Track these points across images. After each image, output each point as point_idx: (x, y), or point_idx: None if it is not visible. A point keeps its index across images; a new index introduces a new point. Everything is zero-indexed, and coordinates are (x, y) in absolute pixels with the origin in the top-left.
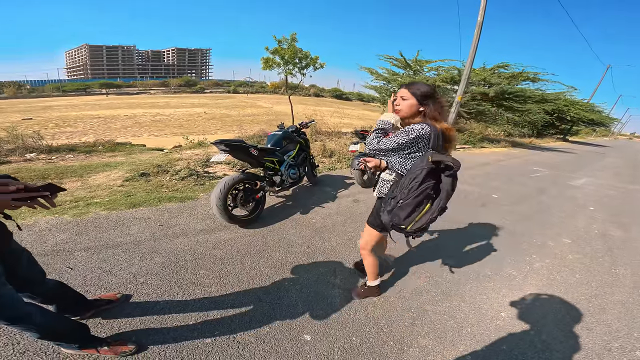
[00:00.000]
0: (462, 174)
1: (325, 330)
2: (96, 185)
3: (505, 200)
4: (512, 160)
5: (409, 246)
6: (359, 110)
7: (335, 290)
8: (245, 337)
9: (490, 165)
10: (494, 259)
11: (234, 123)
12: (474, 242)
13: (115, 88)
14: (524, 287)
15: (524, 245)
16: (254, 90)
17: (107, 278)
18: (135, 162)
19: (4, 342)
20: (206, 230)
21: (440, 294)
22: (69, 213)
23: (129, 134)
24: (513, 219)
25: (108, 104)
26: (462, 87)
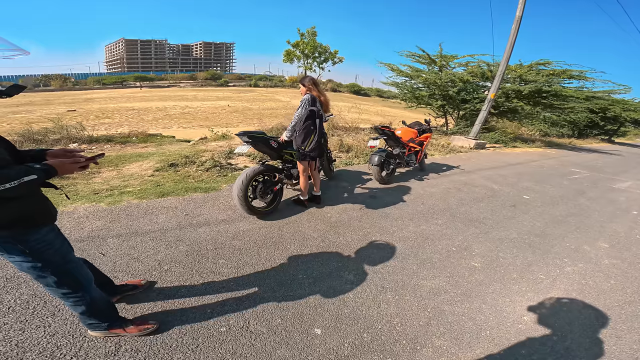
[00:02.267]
0: (491, 173)
1: (336, 325)
2: (129, 175)
3: (538, 201)
4: (548, 160)
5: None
6: (378, 106)
7: (347, 285)
8: (258, 327)
9: (522, 165)
10: (522, 262)
11: (254, 116)
12: (501, 243)
13: (148, 81)
14: (552, 292)
15: (556, 249)
16: (272, 84)
17: (135, 265)
18: (165, 152)
19: (36, 325)
20: (227, 221)
21: (460, 294)
22: (105, 201)
23: (160, 125)
24: (545, 221)
25: (142, 97)
26: (497, 83)
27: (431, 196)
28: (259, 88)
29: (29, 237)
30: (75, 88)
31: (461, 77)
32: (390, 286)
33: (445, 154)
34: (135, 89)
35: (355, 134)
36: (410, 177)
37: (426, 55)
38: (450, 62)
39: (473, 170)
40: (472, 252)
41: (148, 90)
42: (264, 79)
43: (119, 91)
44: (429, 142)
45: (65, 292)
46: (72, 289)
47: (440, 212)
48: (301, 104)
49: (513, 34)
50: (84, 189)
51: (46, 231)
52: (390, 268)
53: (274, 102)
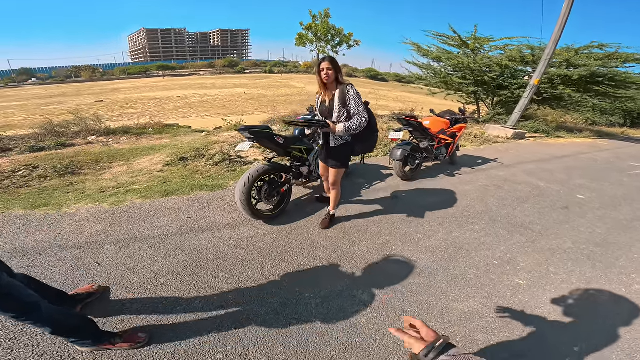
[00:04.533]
0: (534, 167)
1: (345, 357)
2: (139, 170)
3: (595, 202)
4: (600, 153)
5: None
6: (397, 92)
7: (360, 307)
8: (258, 355)
9: (570, 158)
10: (578, 278)
11: (269, 104)
12: (553, 255)
13: (170, 70)
14: (616, 316)
15: (621, 261)
16: (287, 70)
17: (130, 277)
18: (178, 145)
19: (24, 343)
20: (231, 225)
21: (498, 320)
22: (108, 201)
23: (179, 114)
24: (606, 227)
25: (164, 86)
26: (542, 68)
27: (465, 195)
28: (273, 74)
29: None
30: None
31: (498, 61)
32: (413, 309)
33: (479, 144)
34: (158, 78)
35: None
36: (438, 172)
37: (457, 37)
38: (485, 44)
39: (513, 164)
40: (517, 267)
41: (170, 80)
42: (278, 65)
43: (143, 81)
44: (462, 134)
45: (15, 316)
46: (19, 311)
47: (477, 216)
48: (352, 98)
49: (564, 14)
50: (92, 186)
51: None
52: (414, 286)
53: (288, 88)
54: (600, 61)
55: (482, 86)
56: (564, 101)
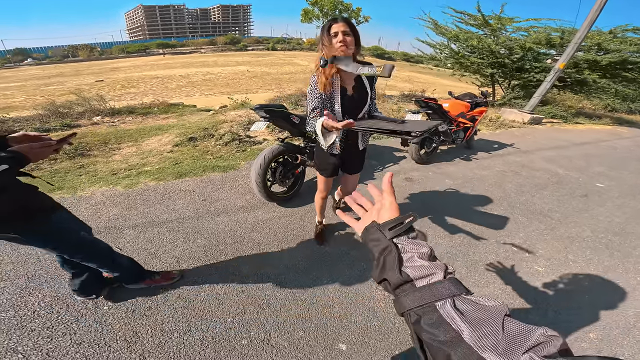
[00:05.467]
0: (553, 154)
1: (364, 340)
2: (148, 151)
3: (615, 191)
4: (620, 141)
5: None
6: (405, 71)
7: (378, 292)
8: (279, 340)
9: (590, 145)
10: (595, 267)
11: (273, 81)
12: (571, 243)
13: (170, 48)
14: (630, 304)
15: (638, 251)
16: (290, 47)
17: (152, 262)
18: (185, 124)
19: (62, 332)
20: (246, 208)
21: (517, 305)
22: (122, 183)
23: (182, 93)
24: (626, 217)
25: (165, 64)
26: (571, 52)
27: (482, 181)
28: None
29: (35, 227)
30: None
31: (522, 43)
32: None
33: (495, 129)
34: (158, 56)
35: (381, 102)
36: (454, 155)
37: (480, 16)
38: (508, 25)
39: (531, 150)
40: (536, 254)
41: (171, 58)
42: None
43: (143, 59)
44: (482, 118)
45: (98, 264)
46: (100, 261)
47: (496, 202)
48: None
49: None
50: (103, 168)
51: (52, 218)
52: None
53: (292, 65)
54: (636, 46)
55: (501, 68)
56: (587, 86)
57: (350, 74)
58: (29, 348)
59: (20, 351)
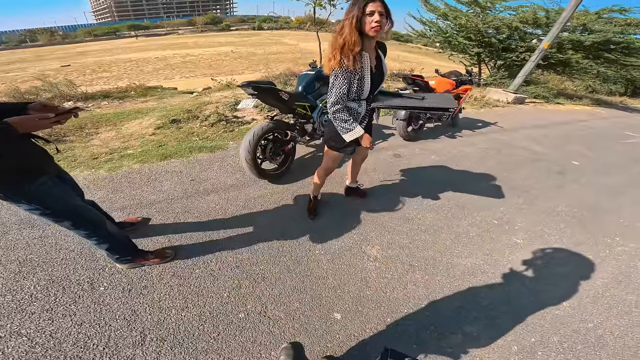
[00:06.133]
0: (533, 132)
1: (357, 309)
2: (129, 135)
3: (589, 168)
4: (598, 121)
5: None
6: (395, 50)
7: (370, 263)
8: (276, 312)
9: (569, 125)
10: (569, 239)
11: (260, 62)
12: (547, 216)
13: (143, 30)
14: (598, 275)
15: (608, 225)
16: (278, 26)
17: (145, 243)
18: (166, 107)
19: (62, 314)
20: (236, 186)
21: (498, 275)
22: (104, 167)
23: (161, 76)
24: (598, 192)
25: (139, 47)
26: (556, 32)
27: (467, 157)
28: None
29: (25, 188)
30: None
31: (509, 22)
32: (419, 264)
33: (480, 107)
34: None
35: None
36: (440, 133)
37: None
38: (497, 4)
39: (513, 129)
40: (515, 227)
41: (145, 40)
42: (268, 20)
43: (113, 42)
44: (467, 96)
45: (86, 233)
46: (89, 229)
47: (479, 178)
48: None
49: None
50: (82, 153)
51: (42, 181)
52: (420, 242)
53: (280, 45)
54: (620, 27)
55: (487, 48)
56: (570, 67)
57: (373, 51)
58: (31, 330)
59: (24, 334)
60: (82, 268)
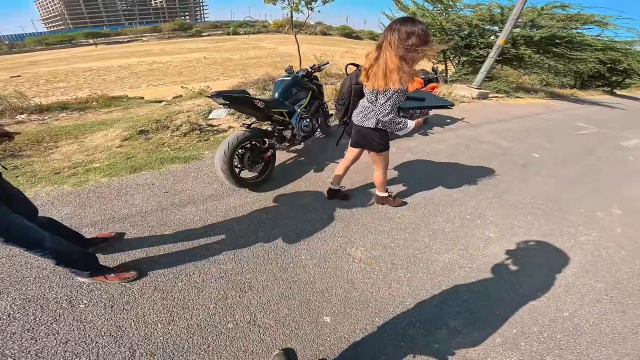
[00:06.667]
0: (498, 127)
1: (346, 311)
2: (93, 147)
3: (548, 160)
4: (553, 114)
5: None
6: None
7: (355, 265)
8: (265, 320)
9: (528, 118)
10: (537, 231)
11: (236, 67)
12: (515, 209)
13: (103, 37)
14: (567, 265)
15: (570, 216)
16: (255, 30)
17: (121, 257)
18: (133, 117)
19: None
20: (215, 196)
21: (475, 270)
22: (68, 182)
23: (126, 85)
24: (558, 184)
25: (99, 55)
26: (509, 28)
27: (438, 154)
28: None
29: None
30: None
31: (469, 20)
32: (402, 262)
33: None
34: (89, 47)
35: None
36: (413, 131)
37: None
38: (458, 2)
39: (479, 124)
40: (487, 221)
41: (105, 48)
42: (244, 25)
43: (68, 51)
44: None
45: (26, 248)
46: (27, 246)
47: (451, 173)
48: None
49: None
50: (42, 168)
51: None
52: (400, 241)
53: (258, 49)
54: (562, 22)
55: (452, 45)
56: (524, 62)
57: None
58: (15, 351)
59: (8, 355)
60: (58, 286)
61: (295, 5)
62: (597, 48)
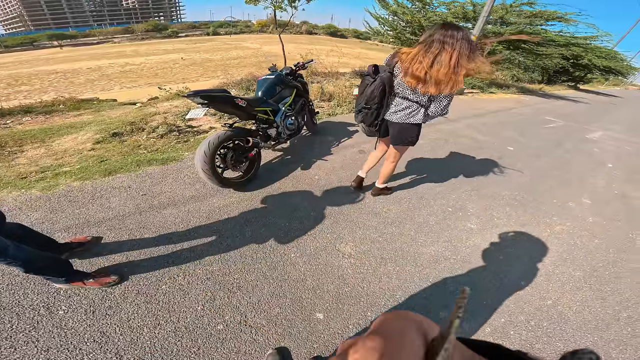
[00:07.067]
0: (474, 121)
1: (338, 307)
2: (62, 151)
3: (522, 153)
4: (524, 108)
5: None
6: (357, 48)
7: (345, 260)
8: (257, 320)
9: (502, 113)
10: (515, 221)
11: (217, 68)
12: (494, 201)
13: (69, 39)
14: (546, 254)
15: (544, 206)
16: (237, 30)
17: (100, 262)
18: (105, 120)
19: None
20: (197, 197)
21: (460, 261)
22: (37, 187)
23: (96, 88)
24: (532, 176)
25: (65, 57)
26: (480, 25)
27: (420, 149)
28: (220, 36)
29: None
30: None
31: (444, 18)
32: (390, 256)
33: None
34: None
35: (335, 79)
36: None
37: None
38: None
39: (457, 119)
40: (467, 213)
41: (72, 50)
42: (225, 25)
43: (30, 53)
44: None
45: None
46: None
47: (432, 167)
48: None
49: None
50: (7, 173)
51: None
52: (388, 235)
53: (241, 50)
54: (528, 19)
55: None
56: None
57: None
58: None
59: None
60: (33, 292)
61: (279, 4)
62: (560, 44)
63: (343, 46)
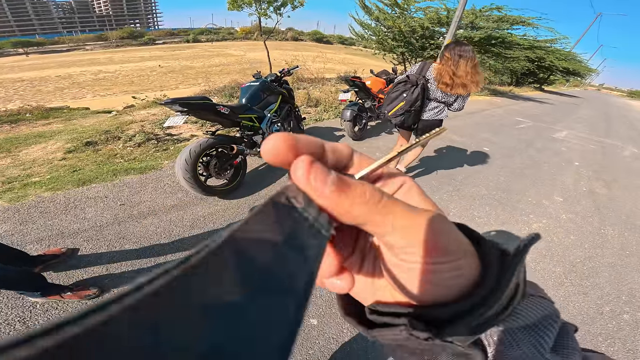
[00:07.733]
0: (451, 123)
1: (332, 312)
2: (31, 161)
3: (497, 153)
4: (496, 110)
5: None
6: (341, 54)
7: None
8: None
9: (476, 114)
10: (495, 220)
11: (198, 75)
12: (474, 200)
13: (35, 46)
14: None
15: (521, 205)
16: (219, 37)
17: (79, 275)
18: (77, 129)
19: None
20: (179, 206)
21: None
22: (4, 198)
23: (67, 96)
24: (507, 175)
25: (31, 65)
26: (452, 30)
27: None
28: (201, 43)
29: None
30: None
31: (421, 23)
32: None
33: None
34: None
35: (321, 85)
36: (380, 130)
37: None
38: (412, 5)
39: None
40: (450, 212)
41: (39, 57)
42: (206, 32)
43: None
44: None
45: None
46: None
47: (414, 168)
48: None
49: None
50: None
51: None
52: None
53: (223, 57)
54: (495, 23)
55: (409, 47)
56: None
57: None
58: None
59: None
60: (7, 307)
61: (264, 11)
62: (525, 47)
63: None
